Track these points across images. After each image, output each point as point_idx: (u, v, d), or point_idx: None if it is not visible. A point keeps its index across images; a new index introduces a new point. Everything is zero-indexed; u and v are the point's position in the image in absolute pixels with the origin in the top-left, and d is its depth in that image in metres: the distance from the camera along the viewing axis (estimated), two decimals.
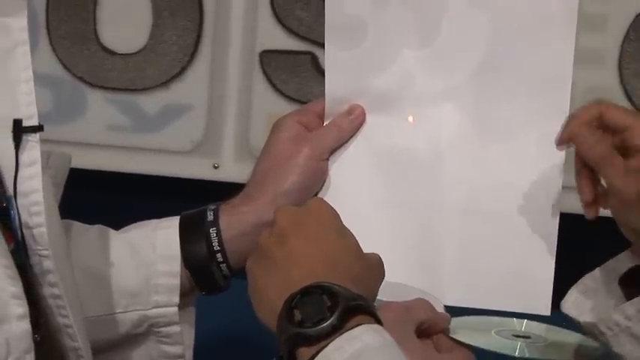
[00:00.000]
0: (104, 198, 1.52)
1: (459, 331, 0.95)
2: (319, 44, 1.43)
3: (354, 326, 0.76)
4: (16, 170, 0.87)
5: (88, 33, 1.52)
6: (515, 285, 1.05)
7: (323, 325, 0.75)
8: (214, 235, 1.05)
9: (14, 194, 0.87)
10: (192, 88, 1.51)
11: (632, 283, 0.96)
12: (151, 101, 1.52)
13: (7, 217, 0.86)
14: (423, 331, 0.93)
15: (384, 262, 0.86)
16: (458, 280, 1.06)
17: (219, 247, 1.05)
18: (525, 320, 1.00)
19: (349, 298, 0.76)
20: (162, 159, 1.52)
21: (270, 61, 1.50)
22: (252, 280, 0.83)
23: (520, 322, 1.00)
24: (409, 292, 0.99)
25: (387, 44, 1.07)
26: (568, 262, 1.03)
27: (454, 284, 1.06)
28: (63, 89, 1.53)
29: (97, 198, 1.46)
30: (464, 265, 1.06)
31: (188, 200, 1.11)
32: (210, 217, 1.06)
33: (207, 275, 1.06)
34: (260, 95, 1.50)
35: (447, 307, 0.99)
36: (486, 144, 1.06)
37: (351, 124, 1.09)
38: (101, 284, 1.05)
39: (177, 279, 1.06)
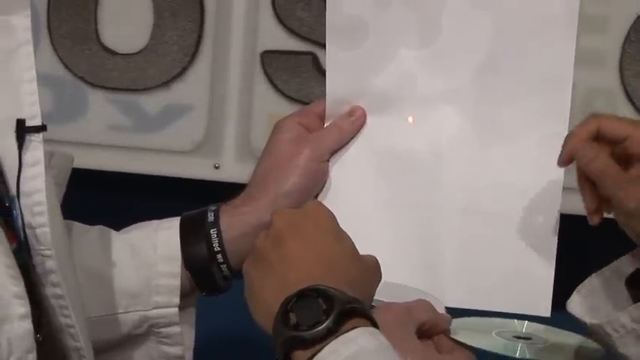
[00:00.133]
0: (105, 198, 1.52)
1: (459, 332, 0.95)
2: (320, 45, 1.43)
3: (349, 329, 0.75)
4: (19, 170, 0.87)
5: (89, 33, 1.52)
6: (516, 286, 1.05)
7: (318, 329, 0.75)
8: (215, 236, 1.05)
9: (17, 194, 0.87)
10: (193, 88, 1.51)
11: (639, 284, 0.96)
12: (152, 101, 1.52)
13: (9, 216, 0.87)
14: (423, 332, 0.93)
15: (384, 262, 0.86)
16: (458, 281, 1.06)
17: (219, 248, 1.05)
18: (526, 321, 1.00)
19: (345, 301, 0.76)
20: (163, 159, 1.52)
21: (272, 62, 1.50)
22: (249, 283, 0.83)
23: (521, 324, 1.00)
24: (410, 293, 0.99)
25: (388, 45, 1.07)
26: (568, 263, 1.03)
27: (454, 285, 1.06)
28: (64, 89, 1.53)
29: (98, 198, 1.46)
30: (464, 266, 1.06)
31: (189, 200, 1.11)
32: (211, 217, 1.06)
33: (207, 276, 1.06)
34: (261, 95, 1.50)
35: (448, 308, 0.99)
36: (487, 145, 1.06)
37: (352, 125, 1.09)
38: (102, 285, 1.05)
39: (177, 280, 1.06)
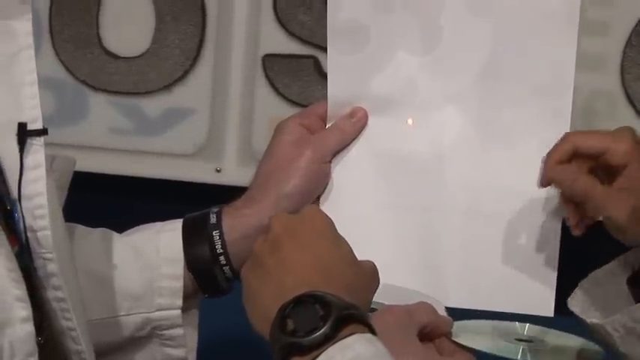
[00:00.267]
0: (107, 201, 1.52)
1: (461, 335, 0.95)
2: (322, 48, 1.43)
3: (346, 335, 0.75)
4: (21, 173, 0.87)
5: (90, 37, 1.53)
6: (518, 287, 1.05)
7: (315, 335, 0.75)
8: (217, 238, 1.05)
9: (18, 197, 0.87)
10: (194, 91, 1.52)
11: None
12: (154, 105, 1.53)
13: (11, 219, 0.87)
14: (425, 335, 0.93)
15: (386, 263, 0.86)
16: (461, 282, 1.06)
17: (222, 250, 1.05)
18: (528, 324, 1.00)
19: (342, 307, 0.76)
20: (165, 162, 1.52)
21: (273, 65, 1.50)
22: (246, 288, 0.83)
23: (522, 326, 1.00)
24: (411, 296, 0.99)
25: (389, 49, 1.07)
26: (571, 263, 1.03)
27: (457, 286, 1.06)
28: (66, 92, 1.53)
29: (100, 201, 1.46)
30: (466, 267, 1.06)
31: (191, 203, 1.11)
32: (213, 219, 1.06)
33: (210, 278, 1.06)
34: (262, 99, 1.50)
35: (449, 310, 0.99)
36: (488, 147, 1.06)
37: (354, 126, 1.09)
38: (104, 287, 1.05)
39: (180, 282, 1.06)
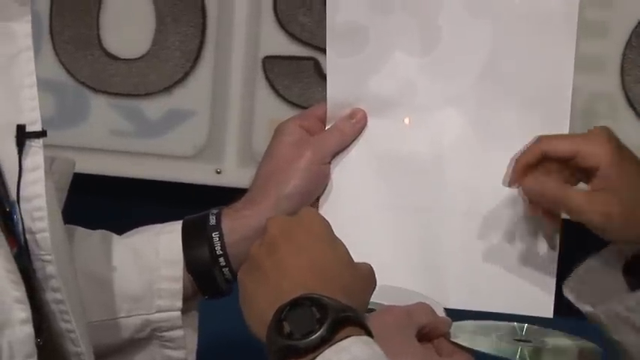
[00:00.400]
0: (107, 203, 1.52)
1: (459, 335, 0.95)
2: (322, 50, 1.42)
3: (343, 338, 0.75)
4: (20, 175, 0.87)
5: (91, 38, 1.53)
6: (518, 287, 1.05)
7: (312, 338, 0.75)
8: (217, 240, 1.05)
9: (17, 199, 0.87)
10: (195, 93, 1.52)
11: (635, 271, 0.96)
12: (154, 106, 1.53)
13: (10, 221, 0.87)
14: (424, 335, 0.93)
15: (386, 264, 0.86)
16: (460, 283, 1.06)
17: (221, 252, 1.05)
18: (526, 325, 1.00)
19: (338, 309, 0.76)
20: (165, 164, 1.52)
21: (273, 67, 1.50)
22: (243, 290, 0.83)
23: (521, 327, 1.00)
24: (410, 296, 0.99)
25: (388, 50, 1.07)
26: (570, 264, 1.03)
27: (456, 287, 1.06)
28: (66, 94, 1.53)
29: (100, 203, 1.47)
30: (466, 268, 1.06)
31: (191, 205, 1.11)
32: (213, 221, 1.06)
33: (209, 279, 1.06)
34: (263, 101, 1.50)
35: (448, 311, 0.99)
36: (487, 149, 1.06)
37: (353, 127, 1.09)
38: (104, 289, 1.05)
39: (179, 283, 1.06)
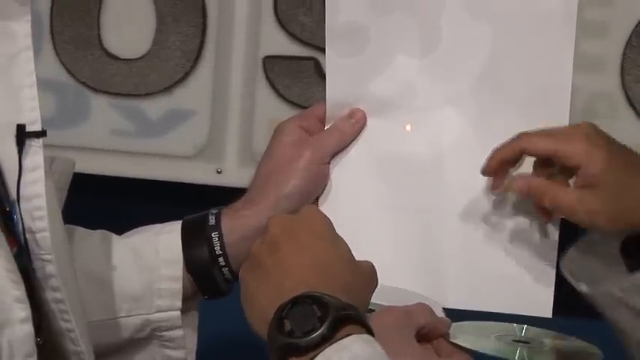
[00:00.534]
0: (107, 203, 1.52)
1: (459, 336, 0.95)
2: (322, 50, 1.41)
3: (343, 336, 0.75)
4: (19, 175, 0.87)
5: (91, 38, 1.53)
6: (517, 288, 1.05)
7: (313, 336, 0.75)
8: (216, 240, 1.05)
9: (17, 199, 0.87)
10: (195, 93, 1.52)
11: (633, 253, 0.96)
12: (155, 106, 1.53)
13: (10, 221, 0.87)
14: (423, 336, 0.93)
15: (385, 264, 0.86)
16: (460, 283, 1.06)
17: (221, 252, 1.05)
18: (525, 325, 1.00)
19: (339, 307, 0.76)
20: (166, 164, 1.52)
21: (273, 67, 1.50)
22: (244, 288, 0.83)
23: (520, 328, 1.00)
24: (409, 297, 0.99)
25: (388, 50, 1.07)
26: None
27: (456, 287, 1.06)
28: (66, 94, 1.53)
29: (100, 203, 1.47)
30: (466, 268, 1.06)
31: (191, 205, 1.11)
32: (212, 221, 1.06)
33: (209, 279, 1.06)
34: (263, 101, 1.50)
35: (447, 311, 0.99)
36: (487, 149, 1.06)
37: (353, 127, 1.09)
38: (104, 289, 1.05)
39: (179, 283, 1.06)
